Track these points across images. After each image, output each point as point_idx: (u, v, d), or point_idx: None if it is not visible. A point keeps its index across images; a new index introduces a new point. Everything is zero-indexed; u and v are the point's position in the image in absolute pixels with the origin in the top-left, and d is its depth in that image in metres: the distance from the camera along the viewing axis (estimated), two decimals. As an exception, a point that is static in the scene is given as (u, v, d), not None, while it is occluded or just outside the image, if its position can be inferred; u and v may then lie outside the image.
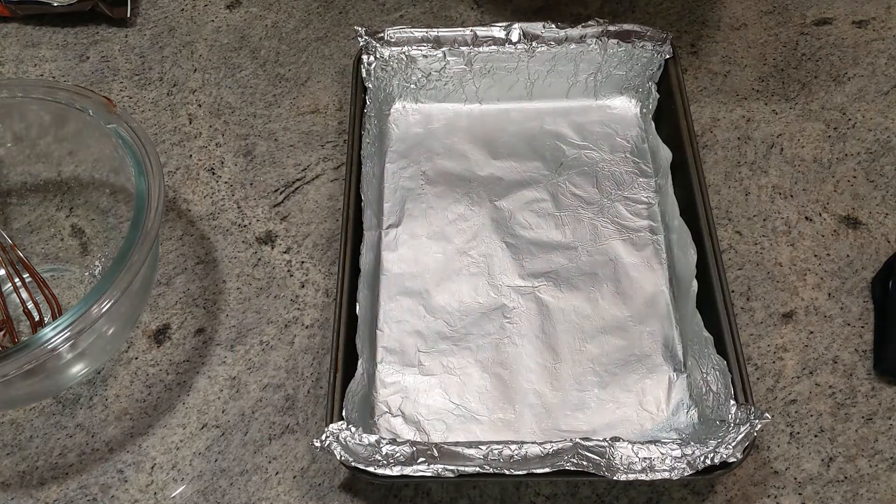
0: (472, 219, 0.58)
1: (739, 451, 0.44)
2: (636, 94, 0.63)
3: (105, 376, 0.53)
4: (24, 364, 0.42)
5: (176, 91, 0.66)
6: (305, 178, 0.61)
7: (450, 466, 0.44)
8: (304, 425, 0.51)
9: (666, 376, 0.51)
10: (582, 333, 0.53)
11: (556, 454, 0.45)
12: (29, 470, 0.50)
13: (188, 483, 0.49)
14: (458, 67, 0.62)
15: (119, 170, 0.52)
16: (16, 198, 0.57)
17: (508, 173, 0.60)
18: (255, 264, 0.58)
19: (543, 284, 0.55)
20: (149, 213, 0.47)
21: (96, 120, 0.50)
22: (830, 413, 0.51)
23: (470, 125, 0.63)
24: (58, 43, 0.69)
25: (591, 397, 0.51)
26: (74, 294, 0.56)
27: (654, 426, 0.50)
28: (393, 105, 0.63)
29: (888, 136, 0.62)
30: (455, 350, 0.53)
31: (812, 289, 0.56)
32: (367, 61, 0.61)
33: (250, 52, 0.69)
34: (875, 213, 0.59)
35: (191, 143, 0.63)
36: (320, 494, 0.49)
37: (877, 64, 0.66)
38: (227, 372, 0.53)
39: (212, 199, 0.60)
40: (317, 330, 0.55)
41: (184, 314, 0.55)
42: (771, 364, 0.53)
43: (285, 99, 0.66)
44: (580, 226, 0.58)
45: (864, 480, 0.49)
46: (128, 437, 0.51)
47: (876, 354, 0.53)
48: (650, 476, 0.44)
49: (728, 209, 0.59)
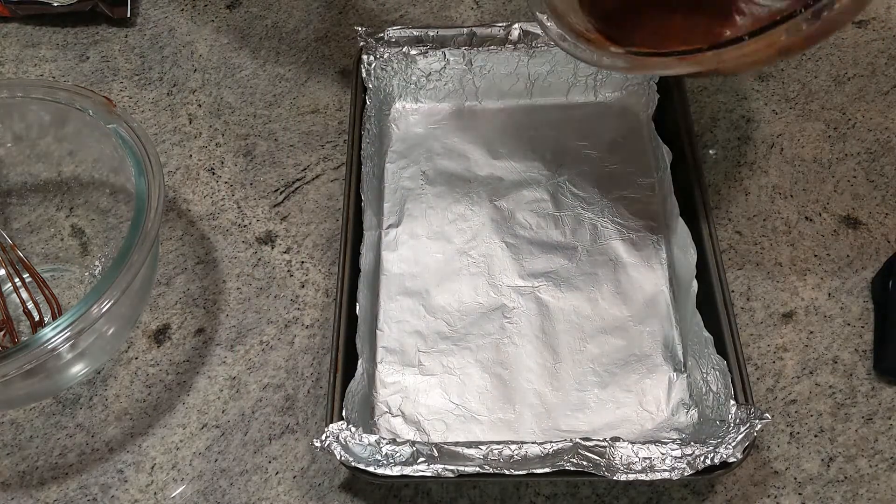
0: (472, 219, 0.58)
1: (739, 451, 0.44)
2: (636, 93, 0.63)
3: (105, 376, 0.53)
4: (24, 364, 0.42)
5: (176, 91, 0.66)
6: (305, 178, 0.61)
7: (450, 466, 0.44)
8: (304, 425, 0.51)
9: (666, 376, 0.51)
10: (582, 333, 0.53)
11: (556, 454, 0.45)
12: (29, 470, 0.50)
13: (188, 483, 0.49)
14: (458, 67, 0.62)
15: (119, 170, 0.52)
16: (16, 198, 0.57)
17: (508, 173, 0.60)
18: (255, 264, 0.58)
19: (543, 284, 0.55)
20: (149, 213, 0.47)
21: (96, 120, 0.50)
22: (830, 413, 0.51)
23: (470, 125, 0.63)
24: (58, 43, 0.69)
25: (591, 397, 0.51)
26: (74, 294, 0.56)
27: (654, 426, 0.50)
28: (393, 105, 0.63)
29: (888, 136, 0.62)
30: (455, 350, 0.53)
31: (812, 289, 0.56)
32: (367, 61, 0.61)
33: (250, 52, 0.69)
34: (875, 213, 0.59)
35: (191, 143, 0.63)
36: (320, 494, 0.49)
37: (877, 64, 0.66)
38: (227, 372, 0.53)
39: (212, 199, 0.60)
40: (317, 330, 0.55)
41: (184, 314, 0.55)
42: (771, 364, 0.53)
43: (285, 99, 0.66)
44: (580, 226, 0.58)
45: (864, 480, 0.49)
46: (128, 437, 0.51)
47: (876, 354, 0.53)
48: (650, 476, 0.44)
49: (728, 209, 0.59)
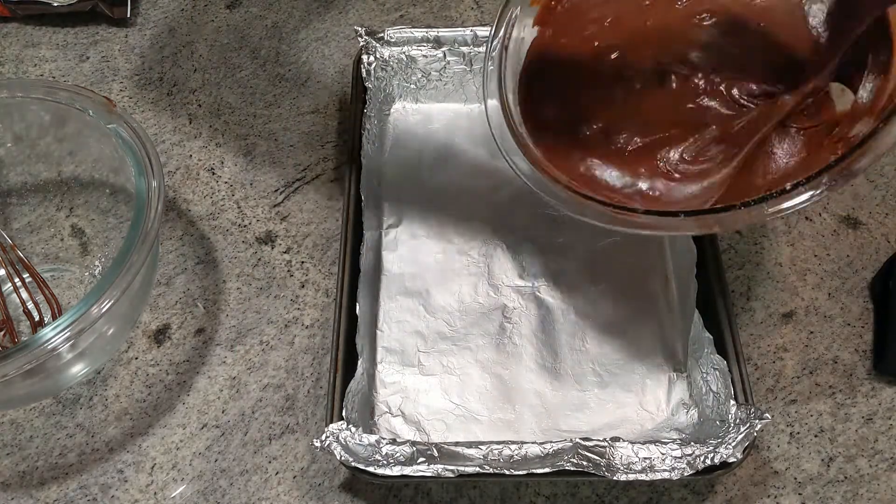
0: (472, 219, 0.58)
1: (739, 451, 0.44)
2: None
3: (105, 376, 0.53)
4: (24, 364, 0.42)
5: (176, 91, 0.66)
6: (305, 178, 0.61)
7: (450, 466, 0.44)
8: (304, 425, 0.51)
9: (666, 376, 0.51)
10: (582, 333, 0.53)
11: (556, 454, 0.45)
12: (29, 470, 0.50)
13: (188, 483, 0.49)
14: (458, 67, 0.62)
15: (119, 170, 0.52)
16: (16, 198, 0.57)
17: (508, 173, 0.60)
18: (255, 264, 0.57)
19: (543, 284, 0.55)
20: (149, 213, 0.47)
21: (96, 120, 0.50)
22: (830, 413, 0.51)
23: (470, 125, 0.63)
24: (58, 43, 0.69)
25: (591, 397, 0.51)
26: (74, 294, 0.56)
27: (654, 426, 0.50)
28: (393, 105, 0.63)
29: (888, 136, 0.62)
30: (455, 350, 0.53)
31: (812, 289, 0.56)
32: (367, 61, 0.61)
33: (250, 52, 0.69)
34: (875, 213, 0.59)
35: (191, 143, 0.63)
36: (320, 494, 0.49)
37: (877, 64, 0.66)
38: (227, 372, 0.53)
39: (212, 199, 0.60)
40: (317, 330, 0.55)
41: (184, 314, 0.55)
42: (771, 364, 0.53)
43: (285, 99, 0.66)
44: (580, 226, 0.57)
45: (864, 480, 0.49)
46: (128, 437, 0.51)
47: (876, 354, 0.53)
48: (650, 476, 0.44)
49: (728, 209, 0.59)
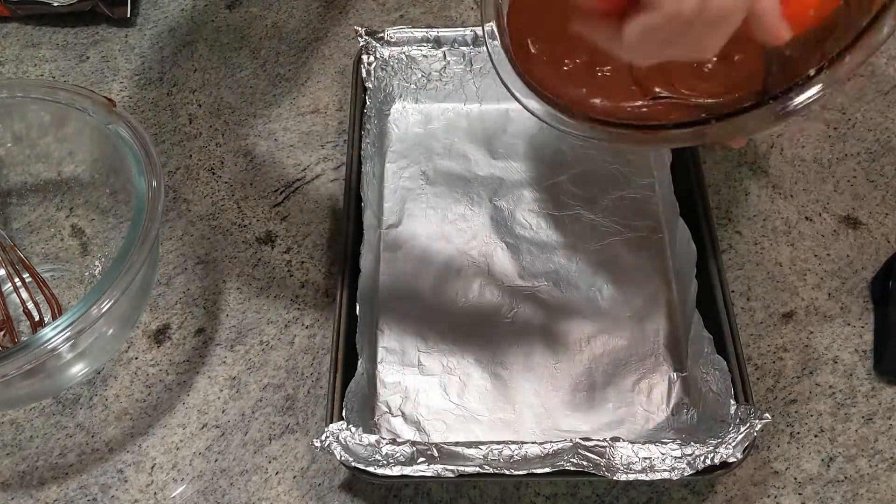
0: (472, 219, 0.58)
1: (739, 451, 0.44)
2: (636, 94, 0.63)
3: (105, 376, 0.53)
4: (24, 364, 0.42)
5: (176, 91, 0.66)
6: (305, 178, 0.61)
7: (450, 466, 0.44)
8: (304, 425, 0.51)
9: (666, 376, 0.51)
10: (582, 333, 0.53)
11: (556, 454, 0.45)
12: (29, 470, 0.50)
13: (188, 483, 0.49)
14: (458, 67, 0.62)
15: (119, 170, 0.52)
16: (16, 198, 0.57)
17: (508, 173, 0.60)
18: (255, 264, 0.57)
19: (543, 284, 0.55)
20: (149, 213, 0.47)
21: (96, 120, 0.50)
22: (830, 413, 0.51)
23: (470, 125, 0.63)
24: (58, 43, 0.69)
25: (591, 397, 0.51)
26: (74, 294, 0.56)
27: (654, 426, 0.50)
28: (393, 105, 0.63)
29: (888, 136, 0.62)
30: (455, 350, 0.53)
31: (812, 289, 0.56)
32: (367, 61, 0.61)
33: (250, 52, 0.69)
34: (875, 213, 0.59)
35: (191, 143, 0.63)
36: (320, 494, 0.49)
37: (877, 64, 0.66)
38: (227, 372, 0.53)
39: (212, 199, 0.60)
40: (317, 330, 0.55)
41: (184, 314, 0.55)
42: (771, 364, 0.53)
43: (285, 99, 0.66)
44: (580, 226, 0.58)
45: (864, 480, 0.49)
46: (128, 437, 0.51)
47: (876, 354, 0.53)
48: (650, 476, 0.44)
49: (728, 209, 0.59)
